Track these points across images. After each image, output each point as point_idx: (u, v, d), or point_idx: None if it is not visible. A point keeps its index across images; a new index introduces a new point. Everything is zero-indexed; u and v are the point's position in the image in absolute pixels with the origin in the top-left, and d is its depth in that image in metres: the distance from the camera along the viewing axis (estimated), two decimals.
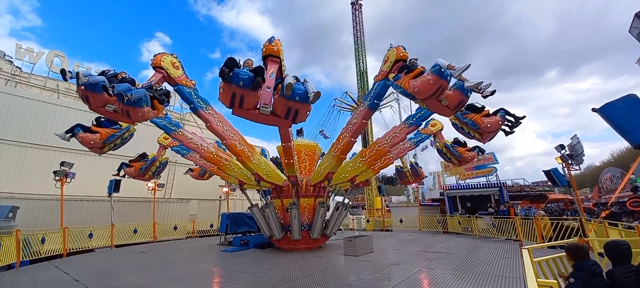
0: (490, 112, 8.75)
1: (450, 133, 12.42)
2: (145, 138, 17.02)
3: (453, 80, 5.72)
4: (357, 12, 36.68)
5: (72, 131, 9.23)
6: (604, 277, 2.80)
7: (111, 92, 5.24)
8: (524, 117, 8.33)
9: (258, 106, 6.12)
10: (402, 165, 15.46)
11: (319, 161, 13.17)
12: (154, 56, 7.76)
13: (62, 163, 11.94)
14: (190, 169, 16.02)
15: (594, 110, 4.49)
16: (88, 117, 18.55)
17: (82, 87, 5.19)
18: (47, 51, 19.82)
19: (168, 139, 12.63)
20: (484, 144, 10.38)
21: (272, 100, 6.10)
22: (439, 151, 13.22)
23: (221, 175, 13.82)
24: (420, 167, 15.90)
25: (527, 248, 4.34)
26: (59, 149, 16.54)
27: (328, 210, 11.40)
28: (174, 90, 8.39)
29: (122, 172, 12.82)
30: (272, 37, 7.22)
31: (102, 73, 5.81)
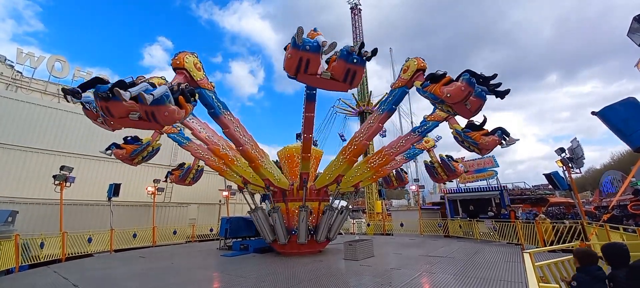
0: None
1: (449, 146, 12.44)
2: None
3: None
4: (356, 17, 36.94)
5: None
6: (606, 282, 2.76)
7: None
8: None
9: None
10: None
11: (320, 165, 13.21)
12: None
13: (61, 168, 11.92)
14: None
15: (593, 113, 4.50)
16: (88, 121, 18.59)
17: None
18: (48, 56, 19.95)
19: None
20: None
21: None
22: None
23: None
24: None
25: (529, 252, 4.32)
26: (58, 154, 16.56)
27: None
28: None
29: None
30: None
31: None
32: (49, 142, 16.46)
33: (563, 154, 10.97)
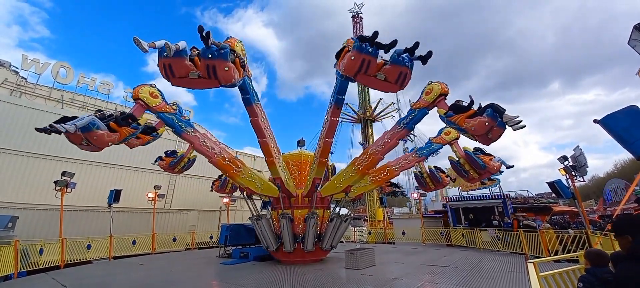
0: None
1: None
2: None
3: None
4: (358, 25, 37.39)
5: (157, 160, 12.27)
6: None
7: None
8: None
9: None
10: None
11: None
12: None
13: (63, 174, 11.94)
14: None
15: (595, 121, 4.47)
16: None
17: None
18: (53, 62, 20.18)
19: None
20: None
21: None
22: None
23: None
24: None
25: (533, 262, 4.25)
26: (60, 159, 16.61)
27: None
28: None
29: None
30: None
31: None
32: (50, 148, 16.53)
33: (566, 162, 10.89)
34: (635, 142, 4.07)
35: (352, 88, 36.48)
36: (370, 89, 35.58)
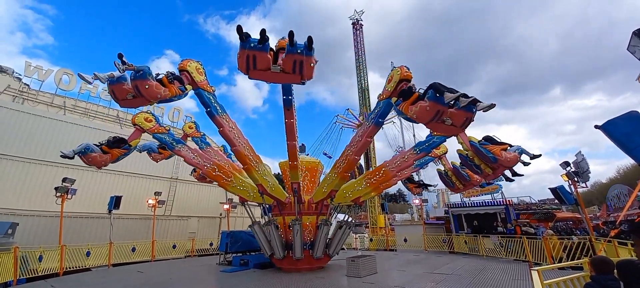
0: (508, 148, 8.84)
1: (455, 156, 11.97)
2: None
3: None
4: (358, 32, 37.74)
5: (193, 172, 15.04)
6: None
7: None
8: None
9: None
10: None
11: (322, 178, 13.03)
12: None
13: (63, 180, 11.94)
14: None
15: (596, 127, 4.47)
16: (91, 133, 18.77)
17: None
18: (56, 69, 20.37)
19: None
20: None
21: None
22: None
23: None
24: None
25: (537, 270, 4.19)
26: (61, 166, 16.63)
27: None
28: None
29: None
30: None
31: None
32: (51, 154, 16.58)
33: (568, 168, 10.83)
34: (636, 147, 4.06)
35: (356, 94, 36.53)
36: (371, 96, 35.71)
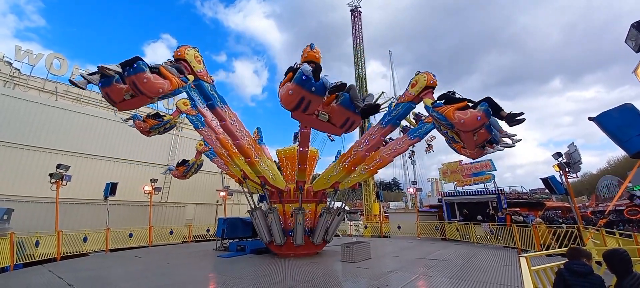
0: (470, 104, 6.31)
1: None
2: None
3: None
4: (356, 19, 37.05)
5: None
6: (585, 277, 2.85)
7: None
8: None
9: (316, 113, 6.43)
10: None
11: (316, 165, 13.17)
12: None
13: (58, 166, 11.83)
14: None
15: (590, 119, 4.53)
16: (85, 119, 18.44)
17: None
18: (47, 53, 19.79)
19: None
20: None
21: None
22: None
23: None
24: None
25: (525, 257, 4.33)
26: (55, 152, 16.46)
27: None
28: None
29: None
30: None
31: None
32: (45, 140, 16.36)
33: (560, 159, 11.03)
34: (628, 140, 4.14)
35: (353, 82, 36.21)
36: (368, 86, 35.50)
